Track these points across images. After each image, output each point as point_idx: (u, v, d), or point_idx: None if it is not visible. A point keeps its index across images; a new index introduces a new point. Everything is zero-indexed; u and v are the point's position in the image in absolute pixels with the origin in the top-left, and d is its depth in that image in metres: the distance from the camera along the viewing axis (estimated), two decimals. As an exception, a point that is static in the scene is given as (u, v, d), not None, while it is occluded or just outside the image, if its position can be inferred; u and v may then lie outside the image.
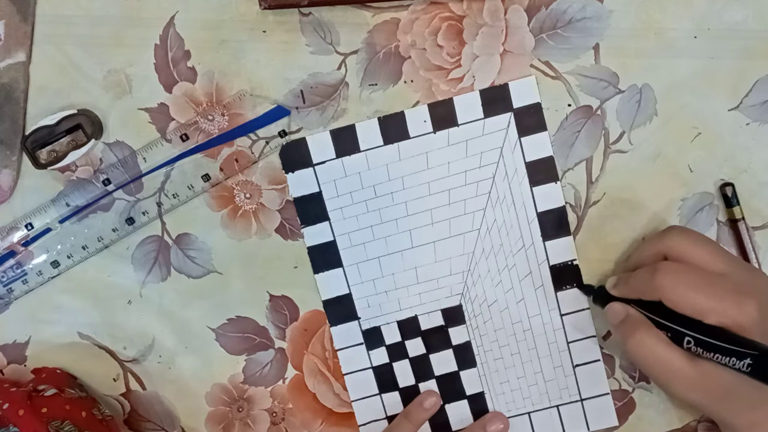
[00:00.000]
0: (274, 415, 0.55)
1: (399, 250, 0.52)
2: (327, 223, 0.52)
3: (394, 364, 0.53)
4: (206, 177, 0.52)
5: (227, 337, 0.54)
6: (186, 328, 0.54)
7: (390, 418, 0.54)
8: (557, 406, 0.53)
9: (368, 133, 0.51)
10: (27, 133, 0.51)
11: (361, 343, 0.53)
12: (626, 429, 0.54)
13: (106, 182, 0.51)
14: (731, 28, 0.51)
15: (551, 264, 0.52)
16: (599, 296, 0.51)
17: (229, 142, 0.51)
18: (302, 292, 0.53)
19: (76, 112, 0.50)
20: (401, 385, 0.54)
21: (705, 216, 0.53)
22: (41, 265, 0.52)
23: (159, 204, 0.52)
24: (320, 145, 0.51)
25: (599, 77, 0.51)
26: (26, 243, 0.51)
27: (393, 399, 0.54)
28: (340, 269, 0.52)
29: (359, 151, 0.51)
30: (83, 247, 0.52)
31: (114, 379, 0.54)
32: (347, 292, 0.53)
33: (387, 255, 0.52)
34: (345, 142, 0.51)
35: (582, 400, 0.53)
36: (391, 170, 0.51)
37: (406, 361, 0.53)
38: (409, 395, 0.54)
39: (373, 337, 0.53)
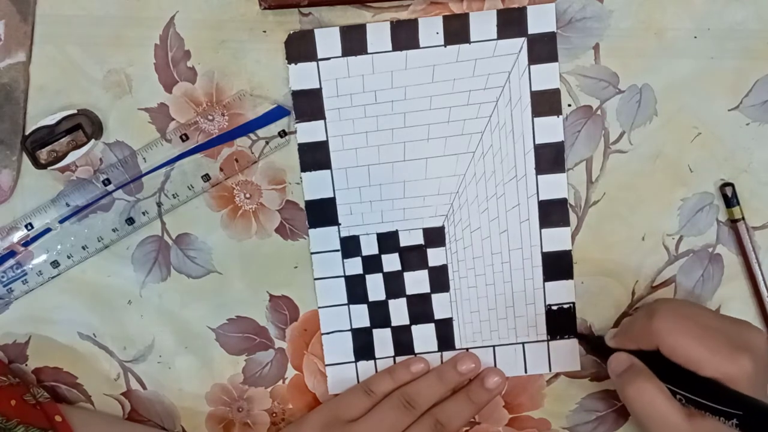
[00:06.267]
0: (274, 415, 0.55)
1: (390, 161, 0.52)
2: (322, 122, 0.51)
3: (367, 277, 0.53)
4: (206, 177, 0.52)
5: (227, 337, 0.54)
6: (186, 328, 0.54)
7: (354, 330, 0.53)
8: (523, 344, 0.53)
9: (378, 35, 0.50)
10: (27, 133, 0.51)
11: (338, 250, 0.53)
12: (626, 429, 0.54)
13: (106, 182, 0.51)
14: (731, 28, 0.51)
15: (540, 199, 0.52)
16: (597, 347, 0.51)
17: (229, 142, 0.51)
18: (302, 292, 0.53)
19: (76, 112, 0.50)
20: (371, 299, 0.53)
21: (705, 216, 0.53)
22: (41, 265, 0.52)
23: (159, 204, 0.52)
24: (328, 40, 0.50)
25: (599, 77, 0.51)
26: (26, 243, 0.51)
27: (359, 311, 0.53)
28: (328, 171, 0.52)
29: (366, 53, 0.50)
30: (83, 247, 0.52)
31: (114, 379, 0.54)
32: (332, 195, 0.52)
33: (377, 164, 0.52)
34: (353, 41, 0.50)
35: (549, 340, 0.53)
36: (395, 78, 0.51)
37: (380, 275, 0.53)
38: (377, 310, 0.53)
39: (350, 246, 0.53)
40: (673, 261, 0.53)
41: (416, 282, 0.53)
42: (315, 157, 0.52)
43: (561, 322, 0.53)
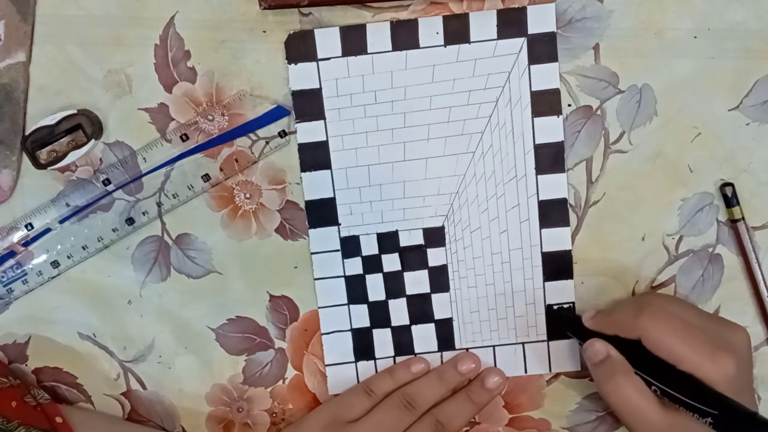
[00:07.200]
0: (274, 415, 0.55)
1: (390, 161, 0.52)
2: (322, 122, 0.51)
3: (367, 277, 0.53)
4: (206, 177, 0.52)
5: (227, 337, 0.54)
6: (186, 328, 0.54)
7: (354, 330, 0.53)
8: (523, 344, 0.53)
9: (378, 35, 0.50)
10: (27, 133, 0.51)
11: (338, 250, 0.53)
12: (626, 430, 0.54)
13: (106, 182, 0.51)
14: (731, 28, 0.51)
15: (540, 199, 0.52)
16: (573, 326, 0.51)
17: (229, 142, 0.51)
18: (302, 292, 0.53)
19: (76, 112, 0.50)
20: (371, 299, 0.53)
21: (705, 216, 0.53)
22: (41, 265, 0.52)
23: (159, 204, 0.52)
24: (327, 40, 0.50)
25: (599, 77, 0.51)
26: (26, 243, 0.51)
27: (359, 311, 0.53)
28: (328, 171, 0.52)
29: (366, 53, 0.50)
30: (83, 248, 0.52)
31: (114, 379, 0.54)
32: (332, 195, 0.52)
33: (377, 164, 0.52)
34: (353, 41, 0.50)
35: (549, 340, 0.53)
36: (395, 78, 0.51)
37: (380, 275, 0.53)
38: (377, 310, 0.53)
39: (350, 246, 0.53)
40: (673, 261, 0.53)
41: (416, 282, 0.53)
42: (315, 157, 0.52)
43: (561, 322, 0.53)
